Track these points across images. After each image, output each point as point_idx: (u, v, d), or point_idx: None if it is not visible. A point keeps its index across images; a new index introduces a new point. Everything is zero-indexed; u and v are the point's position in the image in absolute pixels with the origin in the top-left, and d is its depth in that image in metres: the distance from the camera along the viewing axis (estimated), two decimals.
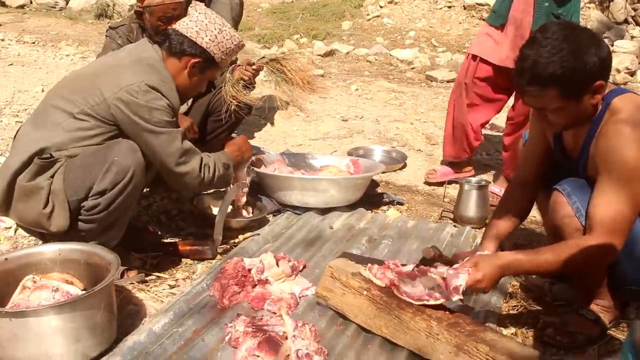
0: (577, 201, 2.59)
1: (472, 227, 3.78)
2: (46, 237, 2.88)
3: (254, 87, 4.03)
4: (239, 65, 4.00)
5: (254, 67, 3.95)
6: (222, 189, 3.53)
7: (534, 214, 3.77)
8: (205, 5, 4.99)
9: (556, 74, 2.42)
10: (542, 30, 2.53)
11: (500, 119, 5.26)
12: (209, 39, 3.04)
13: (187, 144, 2.99)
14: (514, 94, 4.26)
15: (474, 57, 4.33)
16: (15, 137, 3.00)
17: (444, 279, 2.45)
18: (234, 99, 3.78)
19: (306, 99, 4.04)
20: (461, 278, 2.43)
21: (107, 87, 2.85)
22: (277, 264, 2.92)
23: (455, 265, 2.51)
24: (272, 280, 2.85)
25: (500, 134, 5.12)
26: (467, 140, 4.46)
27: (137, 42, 3.30)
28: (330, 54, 8.86)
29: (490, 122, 4.90)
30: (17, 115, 5.36)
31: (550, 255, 2.49)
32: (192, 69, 3.05)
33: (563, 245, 2.54)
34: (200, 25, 3.04)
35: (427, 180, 4.64)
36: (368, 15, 10.67)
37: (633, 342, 1.66)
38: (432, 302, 2.47)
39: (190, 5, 3.22)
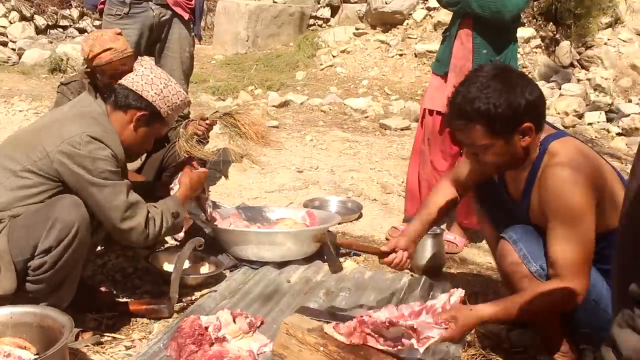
0: (523, 248, 2.65)
1: (428, 276, 3.80)
2: None
3: (208, 141, 4.04)
4: (193, 120, 4.01)
5: (207, 121, 3.97)
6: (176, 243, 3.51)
7: (490, 260, 3.82)
8: (155, 58, 5.06)
9: (481, 110, 2.51)
10: (476, 70, 2.69)
11: None
12: (155, 93, 3.05)
13: (133, 196, 2.92)
14: None
15: (429, 111, 4.41)
16: None
17: (414, 329, 2.43)
18: (187, 154, 3.78)
19: (261, 152, 4.06)
20: (435, 332, 2.41)
21: (49, 141, 2.83)
22: (234, 321, 2.90)
23: (428, 319, 2.46)
24: (230, 337, 2.82)
25: None
26: None
27: (79, 96, 3.29)
28: (284, 104, 8.91)
29: None
30: None
31: (524, 304, 2.53)
32: (138, 122, 3.04)
33: (536, 293, 2.57)
34: (146, 79, 3.06)
35: (389, 239, 4.62)
36: (321, 65, 10.78)
37: None
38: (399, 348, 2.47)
39: (137, 60, 3.24)
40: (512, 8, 4.06)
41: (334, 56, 10.92)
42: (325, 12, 12.29)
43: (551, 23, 10.71)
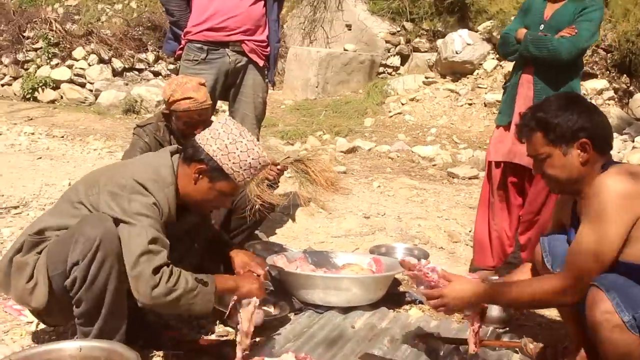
0: (616, 297, 2.57)
1: (496, 327, 3.73)
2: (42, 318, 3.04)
3: (278, 185, 4.08)
4: None
5: (278, 167, 4.02)
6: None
7: (556, 313, 3.74)
8: (230, 103, 5.15)
9: (541, 118, 2.76)
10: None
11: None
12: (217, 147, 2.94)
13: (156, 247, 2.77)
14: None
15: (496, 163, 4.41)
16: None
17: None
18: (258, 198, 3.82)
19: (329, 198, 4.08)
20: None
21: (105, 180, 2.92)
22: None
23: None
24: None
25: None
26: (502, 248, 4.48)
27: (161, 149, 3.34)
28: (352, 150, 8.95)
29: None
30: (44, 209, 5.43)
31: (521, 288, 2.82)
32: (197, 175, 2.97)
33: (532, 281, 2.87)
34: (213, 134, 2.98)
35: None
36: (390, 112, 10.82)
37: None
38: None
39: (216, 117, 3.26)
40: (569, 46, 4.09)
41: (402, 104, 10.95)
42: (395, 61, 12.37)
43: (625, 75, 10.54)
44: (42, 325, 3.41)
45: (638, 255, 2.61)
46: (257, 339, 3.42)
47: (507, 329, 3.72)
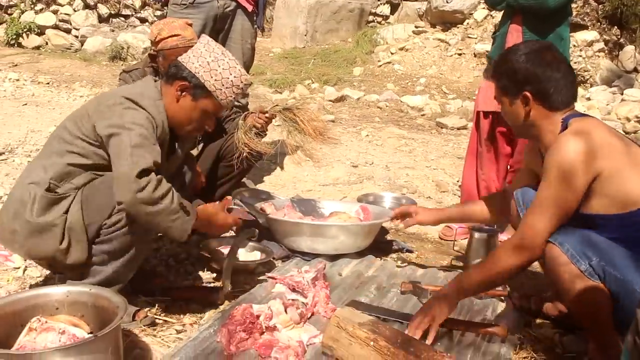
0: (570, 248, 2.61)
1: None
2: (57, 268, 2.93)
3: (266, 134, 4.06)
4: (252, 112, 4.03)
5: (266, 115, 3.98)
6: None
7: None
8: None
9: (497, 65, 2.94)
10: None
11: None
12: (199, 64, 2.96)
13: (142, 151, 2.70)
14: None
15: (483, 113, 4.39)
16: None
17: None
18: (245, 146, 3.79)
19: (317, 147, 4.07)
20: None
21: (92, 108, 2.90)
22: (286, 311, 2.90)
23: None
24: (281, 327, 2.82)
25: None
26: None
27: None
28: (341, 99, 8.91)
29: None
30: (30, 155, 5.39)
31: (479, 271, 2.83)
32: (180, 92, 2.97)
33: (489, 257, 2.87)
34: (195, 52, 3.01)
35: (443, 238, 4.60)
36: (379, 61, 10.76)
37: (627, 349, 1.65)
38: None
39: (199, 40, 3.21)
40: None
41: (392, 53, 10.88)
42: (385, 10, 12.28)
43: (616, 27, 10.49)
44: (29, 271, 3.41)
45: (598, 207, 2.65)
46: (247, 287, 3.43)
47: None
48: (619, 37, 10.52)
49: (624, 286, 2.57)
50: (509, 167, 4.44)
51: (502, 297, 3.34)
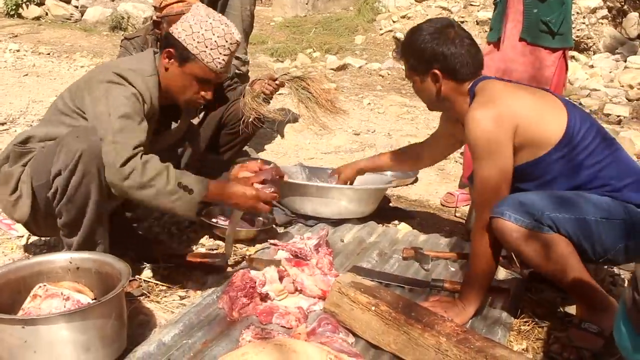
0: (511, 215, 2.63)
1: None
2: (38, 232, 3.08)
3: (270, 102, 4.05)
4: (260, 79, 4.02)
5: (276, 82, 3.97)
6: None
7: None
8: None
9: (405, 46, 3.01)
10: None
11: None
12: (182, 29, 2.91)
13: (122, 136, 2.65)
14: None
15: None
16: None
17: None
18: (253, 111, 3.78)
19: (328, 117, 4.06)
20: None
21: (86, 79, 2.91)
22: (281, 280, 2.91)
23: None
24: (273, 295, 2.83)
25: None
26: None
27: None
28: (342, 68, 8.88)
29: None
30: (31, 125, 5.40)
31: (473, 263, 2.81)
32: (167, 60, 2.93)
33: (471, 251, 2.85)
34: (182, 19, 2.96)
35: (445, 205, 4.59)
36: (381, 29, 10.69)
37: (624, 303, 1.64)
38: None
39: None
40: None
41: (394, 21, 10.82)
42: None
43: None
44: (33, 239, 3.43)
45: (523, 157, 2.76)
46: (249, 254, 3.45)
47: None
48: (623, 3, 10.42)
49: (577, 223, 2.64)
50: None
51: (504, 260, 3.35)
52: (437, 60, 2.88)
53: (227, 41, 2.91)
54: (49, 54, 8.57)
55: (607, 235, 2.69)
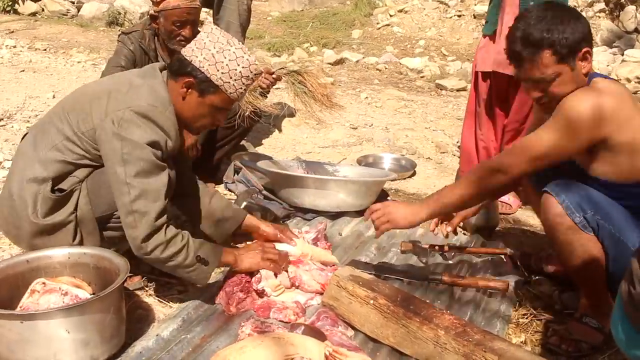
0: (565, 199, 2.60)
1: (482, 236, 3.77)
2: None
3: (267, 96, 4.05)
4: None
5: (273, 76, 3.96)
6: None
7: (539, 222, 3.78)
8: (214, 10, 5.05)
9: (546, 35, 2.55)
10: (524, 11, 2.75)
11: None
12: (204, 57, 2.67)
13: (143, 206, 2.54)
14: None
15: (482, 74, 4.36)
16: (17, 150, 2.92)
17: None
18: (250, 105, 3.78)
19: (323, 111, 4.06)
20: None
21: (97, 112, 2.66)
22: (276, 275, 2.89)
23: None
24: (270, 291, 2.80)
25: None
26: (489, 157, 4.46)
27: (145, 66, 3.00)
28: (340, 62, 8.87)
29: None
30: (29, 121, 5.38)
31: (464, 185, 2.81)
32: (186, 89, 2.71)
33: (469, 174, 2.84)
34: (198, 44, 2.71)
35: None
36: (378, 24, 10.68)
37: (620, 297, 1.65)
38: None
39: (202, 28, 3.10)
40: None
41: (391, 15, 10.81)
42: None
43: None
44: None
45: (604, 173, 2.63)
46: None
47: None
48: None
49: (617, 242, 2.59)
50: (505, 126, 4.42)
51: (502, 256, 3.36)
52: (585, 36, 2.60)
53: (251, 72, 2.75)
54: (45, 49, 8.53)
55: None
